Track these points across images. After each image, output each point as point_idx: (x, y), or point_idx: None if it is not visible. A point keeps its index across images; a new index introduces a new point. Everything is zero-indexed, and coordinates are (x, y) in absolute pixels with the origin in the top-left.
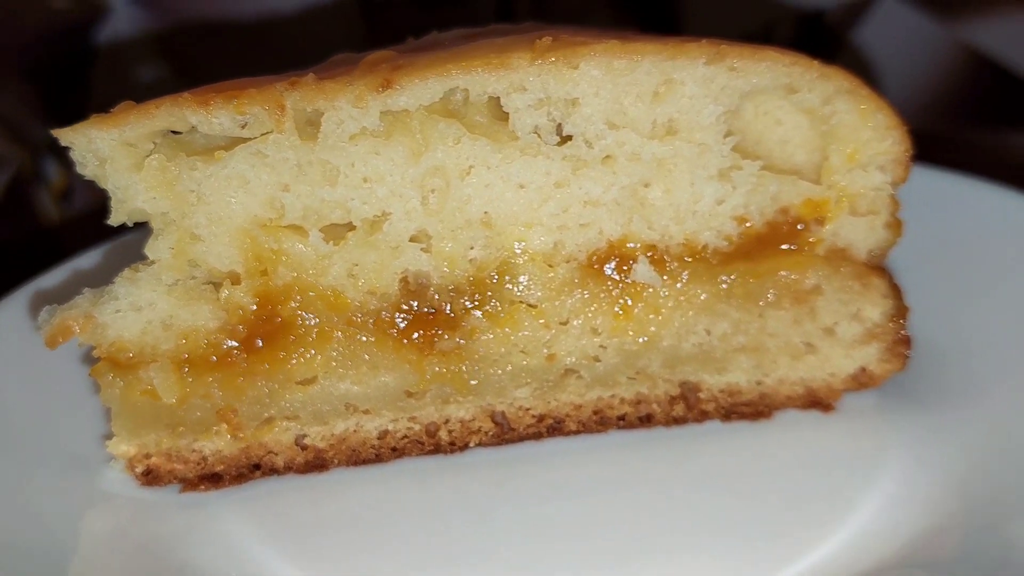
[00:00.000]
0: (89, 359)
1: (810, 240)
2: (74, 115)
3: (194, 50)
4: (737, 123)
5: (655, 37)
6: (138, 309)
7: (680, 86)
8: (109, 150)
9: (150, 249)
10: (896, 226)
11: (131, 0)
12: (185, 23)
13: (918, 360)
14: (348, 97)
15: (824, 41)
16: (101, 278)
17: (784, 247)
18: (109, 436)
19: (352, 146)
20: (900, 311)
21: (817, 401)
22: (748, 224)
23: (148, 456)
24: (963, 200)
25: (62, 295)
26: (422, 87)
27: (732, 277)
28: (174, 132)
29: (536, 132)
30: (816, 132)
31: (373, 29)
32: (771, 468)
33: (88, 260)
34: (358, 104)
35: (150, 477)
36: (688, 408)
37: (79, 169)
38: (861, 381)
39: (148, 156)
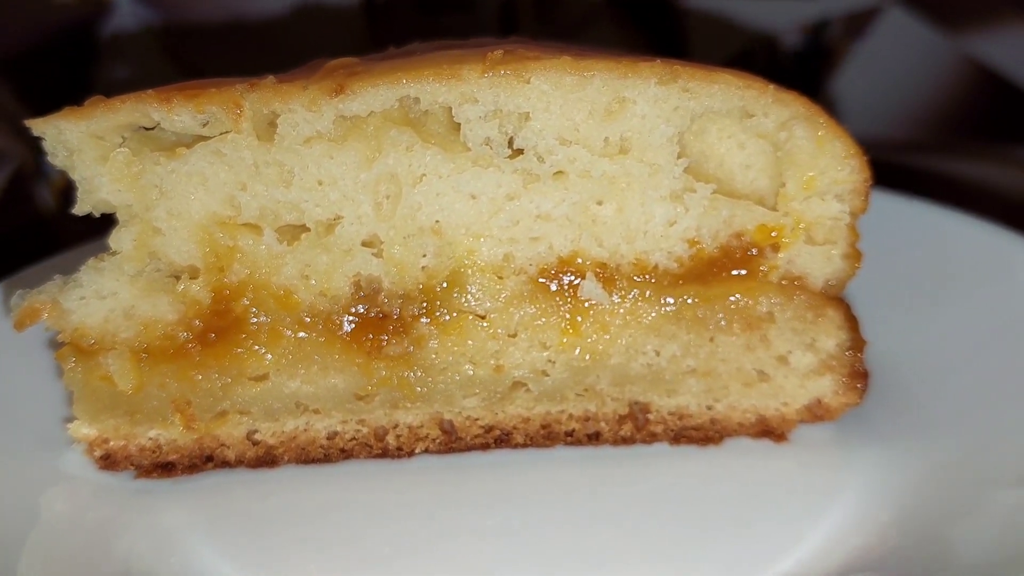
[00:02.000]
0: (57, 344)
1: (763, 267)
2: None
3: (197, 49)
4: (694, 145)
5: (611, 55)
6: (101, 297)
7: (632, 105)
8: (77, 142)
9: (113, 240)
10: (855, 257)
11: None
12: (188, 22)
13: (877, 393)
14: (302, 100)
15: (827, 52)
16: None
17: (737, 272)
18: (71, 419)
19: (307, 149)
20: (856, 343)
21: (770, 430)
22: (700, 247)
23: (106, 441)
24: (926, 229)
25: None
26: (373, 94)
27: (682, 299)
28: (146, 128)
29: (488, 144)
30: (773, 158)
31: (376, 33)
32: (717, 495)
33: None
34: (311, 107)
35: (108, 461)
36: (637, 428)
37: (50, 158)
38: (816, 413)
39: (115, 150)
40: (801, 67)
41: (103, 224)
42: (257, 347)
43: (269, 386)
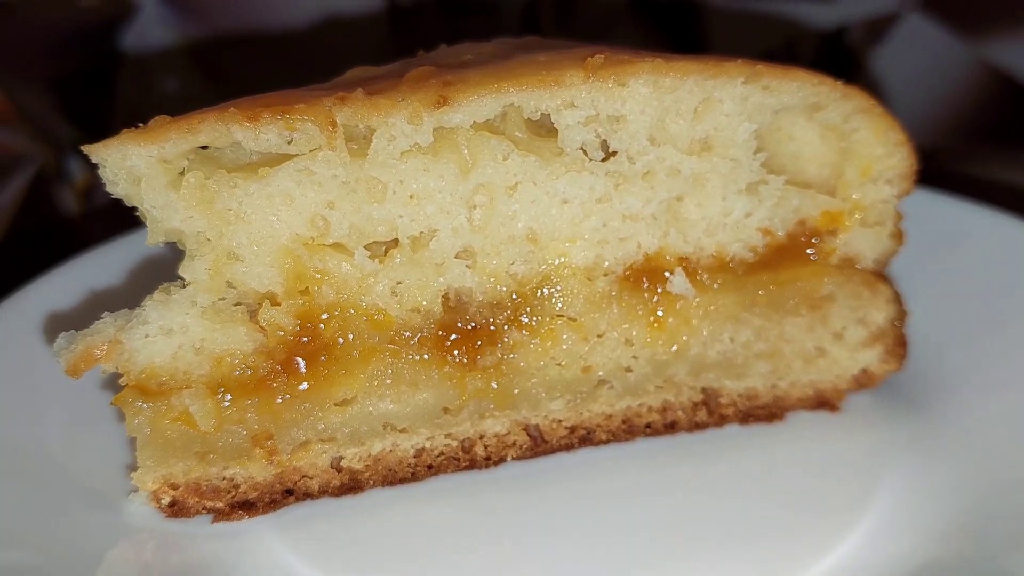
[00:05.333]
0: (108, 384)
1: (825, 250)
2: (99, 115)
3: (220, 55)
4: (765, 139)
5: (692, 56)
6: (168, 333)
7: (719, 104)
8: (146, 167)
9: (185, 270)
10: (899, 236)
11: (160, 0)
12: (212, 27)
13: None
14: (404, 114)
15: (845, 58)
16: (114, 294)
17: (802, 257)
18: (132, 467)
19: (402, 163)
20: (901, 315)
21: (825, 402)
22: (772, 235)
23: (175, 487)
24: (954, 221)
25: (62, 305)
26: (478, 104)
27: (756, 286)
28: (203, 147)
29: (582, 148)
30: (834, 148)
31: (400, 39)
32: (787, 471)
33: (91, 268)
34: (413, 121)
35: (176, 508)
36: (710, 413)
37: (109, 188)
38: (862, 382)
39: (183, 173)
40: (821, 72)
41: (121, 225)
42: (346, 371)
43: (356, 410)
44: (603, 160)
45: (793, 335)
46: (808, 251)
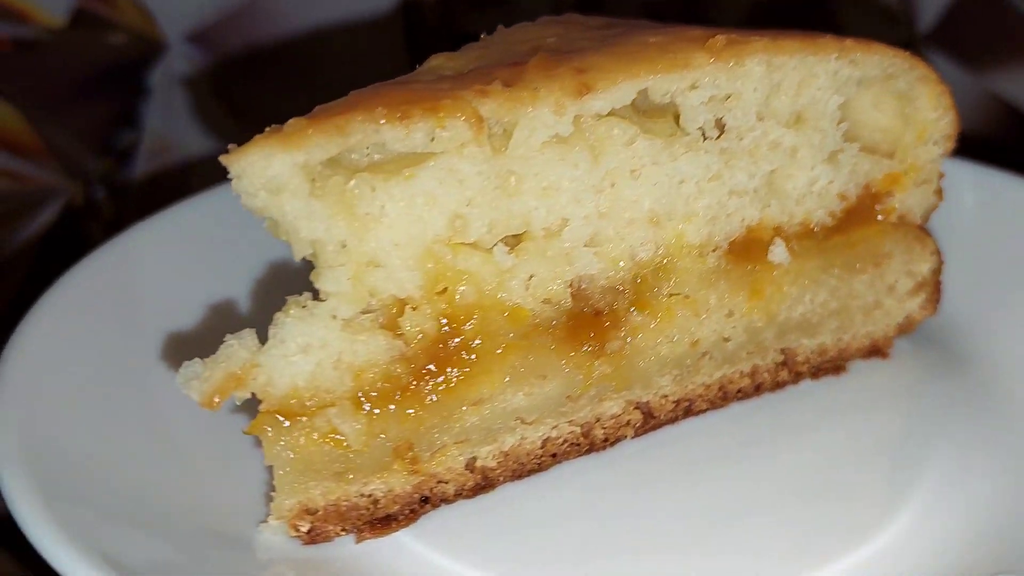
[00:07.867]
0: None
1: (886, 210)
2: (128, 150)
3: (243, 82)
4: (846, 109)
5: (785, 32)
6: (305, 350)
7: (815, 79)
8: (290, 175)
9: (327, 282)
10: (940, 192)
11: (187, 38)
12: (234, 55)
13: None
14: (549, 104)
15: None
16: None
17: (869, 218)
18: (262, 496)
19: (540, 154)
20: (940, 264)
21: (877, 350)
22: (847, 200)
23: (312, 511)
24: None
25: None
26: (616, 91)
27: (833, 249)
28: None
29: (701, 128)
30: (899, 113)
31: (414, 47)
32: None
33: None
34: (557, 111)
35: (315, 534)
36: (789, 372)
37: (246, 200)
38: (903, 328)
39: (315, 179)
40: None
41: None
42: (483, 370)
43: (490, 408)
44: (717, 138)
45: (859, 291)
46: (873, 212)
